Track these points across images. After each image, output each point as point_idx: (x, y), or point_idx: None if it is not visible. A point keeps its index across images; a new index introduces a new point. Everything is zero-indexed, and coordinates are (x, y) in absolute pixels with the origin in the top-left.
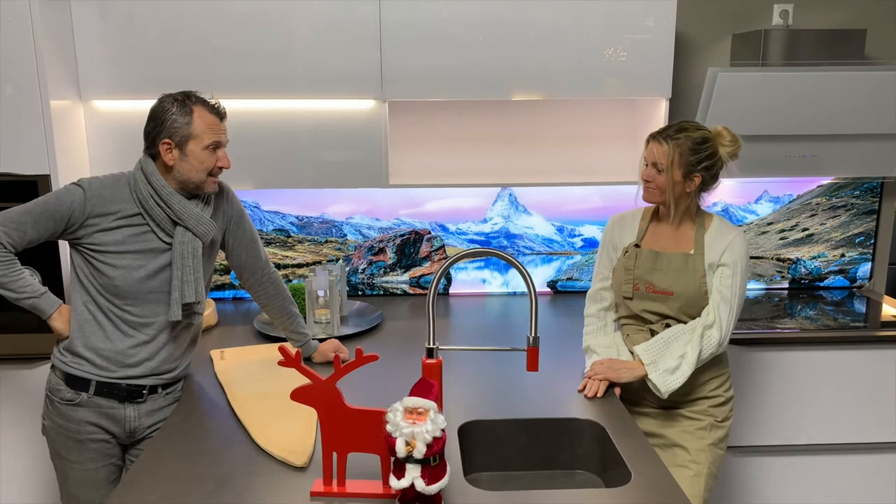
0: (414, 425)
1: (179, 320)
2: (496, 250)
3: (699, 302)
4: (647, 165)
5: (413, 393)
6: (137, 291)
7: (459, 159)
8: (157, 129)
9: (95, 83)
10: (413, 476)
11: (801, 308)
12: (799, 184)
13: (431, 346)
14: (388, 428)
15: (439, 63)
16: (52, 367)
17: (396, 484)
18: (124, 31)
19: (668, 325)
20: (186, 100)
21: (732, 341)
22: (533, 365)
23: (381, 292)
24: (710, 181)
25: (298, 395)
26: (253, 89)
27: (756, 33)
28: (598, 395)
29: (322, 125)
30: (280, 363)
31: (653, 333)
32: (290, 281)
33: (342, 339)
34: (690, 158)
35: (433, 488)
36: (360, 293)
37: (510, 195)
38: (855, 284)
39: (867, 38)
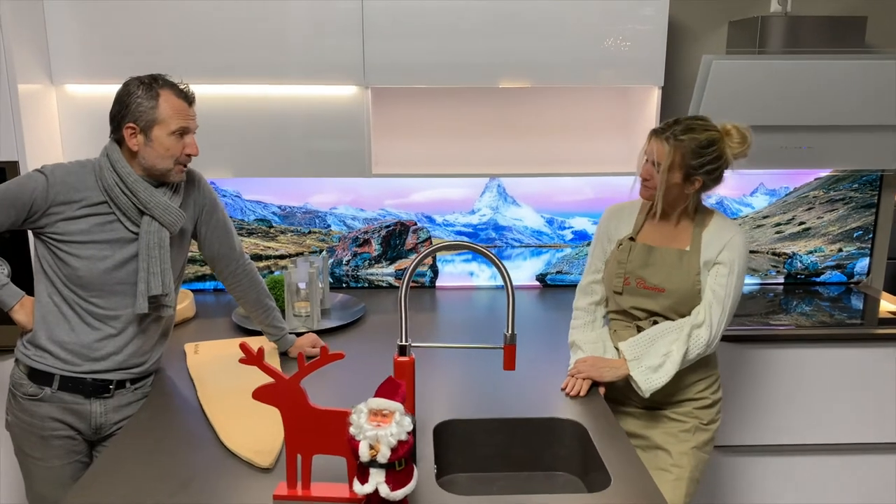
0: (378, 428)
1: (147, 313)
2: (470, 243)
3: (691, 300)
4: (647, 161)
5: (379, 393)
6: (103, 283)
7: (447, 149)
8: (121, 112)
9: (68, 66)
10: (377, 481)
11: (797, 304)
12: (796, 176)
13: (404, 343)
14: (352, 430)
15: (424, 49)
16: (16, 360)
17: (360, 489)
18: (98, 13)
19: (655, 323)
20: (153, 83)
21: (725, 338)
22: (509, 364)
23: (366, 284)
24: (710, 184)
25: (261, 395)
26: (231, 74)
27: (753, 20)
28: (581, 394)
29: (303, 112)
30: (241, 360)
31: (640, 330)
32: (271, 272)
33: (323, 332)
34: (692, 162)
35: (398, 494)
36: (344, 285)
37: (499, 186)
38: (852, 280)
39: (867, 25)
